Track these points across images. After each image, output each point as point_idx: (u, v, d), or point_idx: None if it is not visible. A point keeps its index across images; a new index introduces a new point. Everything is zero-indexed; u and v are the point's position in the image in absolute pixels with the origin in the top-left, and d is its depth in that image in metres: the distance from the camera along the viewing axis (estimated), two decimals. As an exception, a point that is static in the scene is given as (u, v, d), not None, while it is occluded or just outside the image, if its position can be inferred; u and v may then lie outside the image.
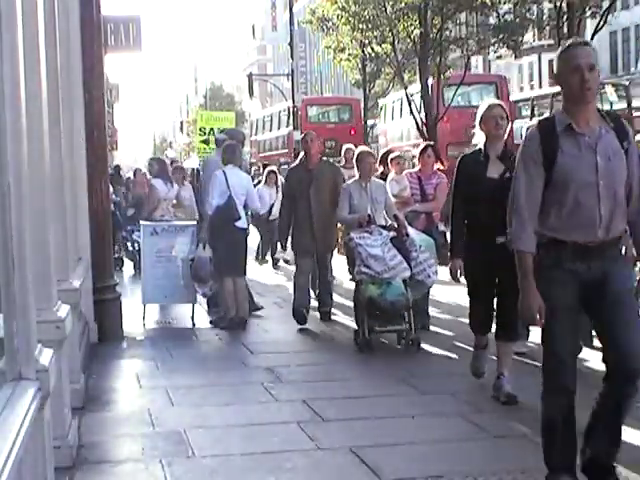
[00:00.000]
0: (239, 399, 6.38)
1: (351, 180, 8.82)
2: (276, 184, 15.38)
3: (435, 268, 8.09)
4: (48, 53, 4.37)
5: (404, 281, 7.83)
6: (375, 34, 25.97)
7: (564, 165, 3.93)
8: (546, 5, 25.94)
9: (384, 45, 26.01)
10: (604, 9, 22.53)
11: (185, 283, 9.68)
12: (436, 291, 9.36)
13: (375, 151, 15.06)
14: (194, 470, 4.85)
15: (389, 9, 24.88)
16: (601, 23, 22.31)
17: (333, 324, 9.38)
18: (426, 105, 24.75)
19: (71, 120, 7.05)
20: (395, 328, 7.93)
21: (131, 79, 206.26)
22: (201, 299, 9.98)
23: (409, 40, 25.20)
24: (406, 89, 25.80)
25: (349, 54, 29.07)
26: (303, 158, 9.52)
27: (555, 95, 24.34)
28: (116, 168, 19.88)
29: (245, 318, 9.22)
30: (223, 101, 70.54)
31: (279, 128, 36.15)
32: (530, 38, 33.74)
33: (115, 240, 12.99)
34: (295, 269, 9.48)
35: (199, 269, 9.32)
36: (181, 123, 69.45)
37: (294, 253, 9.59)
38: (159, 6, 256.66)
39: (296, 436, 5.35)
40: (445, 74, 25.24)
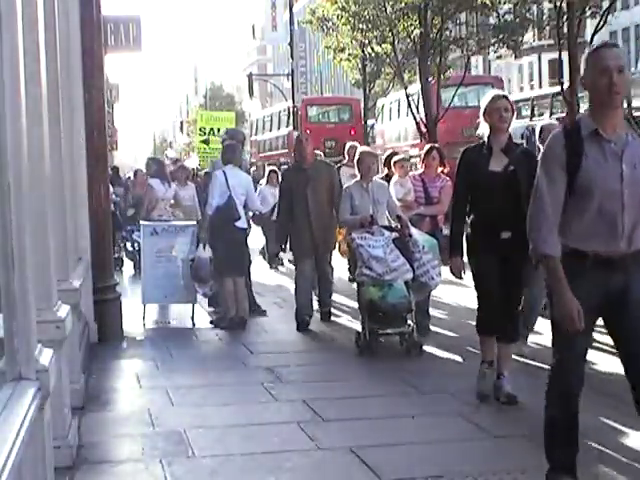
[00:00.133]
0: (239, 399, 6.38)
1: (352, 181, 8.68)
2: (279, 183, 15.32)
3: (439, 270, 7.90)
4: (48, 53, 4.37)
5: (406, 283, 7.75)
6: (375, 34, 25.99)
7: (588, 171, 3.81)
8: (546, 5, 25.94)
9: (384, 45, 26.02)
10: (604, 9, 22.51)
11: (185, 283, 9.67)
12: (436, 291, 9.32)
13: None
14: (194, 470, 4.84)
15: (389, 9, 24.90)
16: (601, 23, 22.27)
17: (333, 324, 9.37)
18: (426, 105, 24.74)
19: (71, 120, 7.06)
20: (397, 331, 7.82)
21: (131, 79, 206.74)
22: (201, 299, 9.99)
23: (409, 40, 25.21)
24: (406, 89, 25.81)
25: (349, 54, 29.07)
26: (298, 158, 9.45)
27: (555, 95, 24.40)
28: (114, 169, 19.85)
29: (245, 318, 9.22)
30: (223, 101, 70.50)
31: (279, 128, 36.12)
32: (530, 38, 33.74)
33: (115, 240, 12.98)
34: (295, 272, 9.44)
35: (199, 269, 9.32)
36: (181, 123, 69.35)
37: (293, 256, 9.55)
38: (159, 6, 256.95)
39: (296, 436, 5.35)
40: (445, 74, 25.24)
